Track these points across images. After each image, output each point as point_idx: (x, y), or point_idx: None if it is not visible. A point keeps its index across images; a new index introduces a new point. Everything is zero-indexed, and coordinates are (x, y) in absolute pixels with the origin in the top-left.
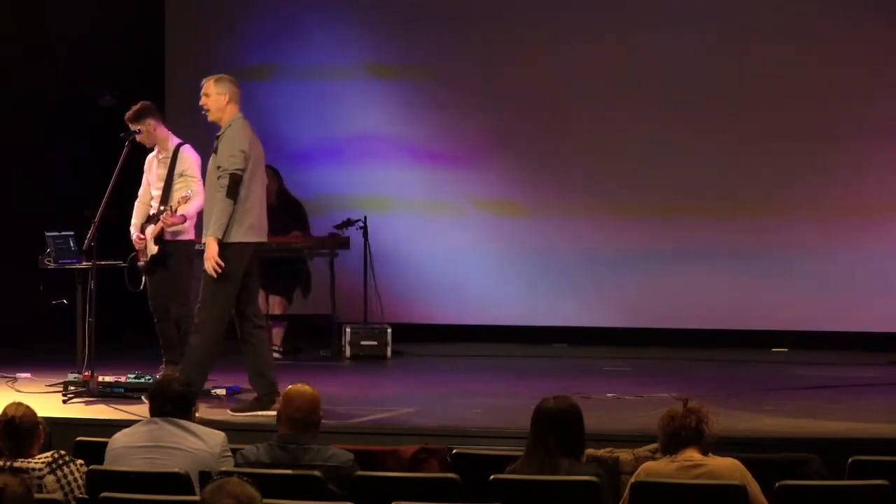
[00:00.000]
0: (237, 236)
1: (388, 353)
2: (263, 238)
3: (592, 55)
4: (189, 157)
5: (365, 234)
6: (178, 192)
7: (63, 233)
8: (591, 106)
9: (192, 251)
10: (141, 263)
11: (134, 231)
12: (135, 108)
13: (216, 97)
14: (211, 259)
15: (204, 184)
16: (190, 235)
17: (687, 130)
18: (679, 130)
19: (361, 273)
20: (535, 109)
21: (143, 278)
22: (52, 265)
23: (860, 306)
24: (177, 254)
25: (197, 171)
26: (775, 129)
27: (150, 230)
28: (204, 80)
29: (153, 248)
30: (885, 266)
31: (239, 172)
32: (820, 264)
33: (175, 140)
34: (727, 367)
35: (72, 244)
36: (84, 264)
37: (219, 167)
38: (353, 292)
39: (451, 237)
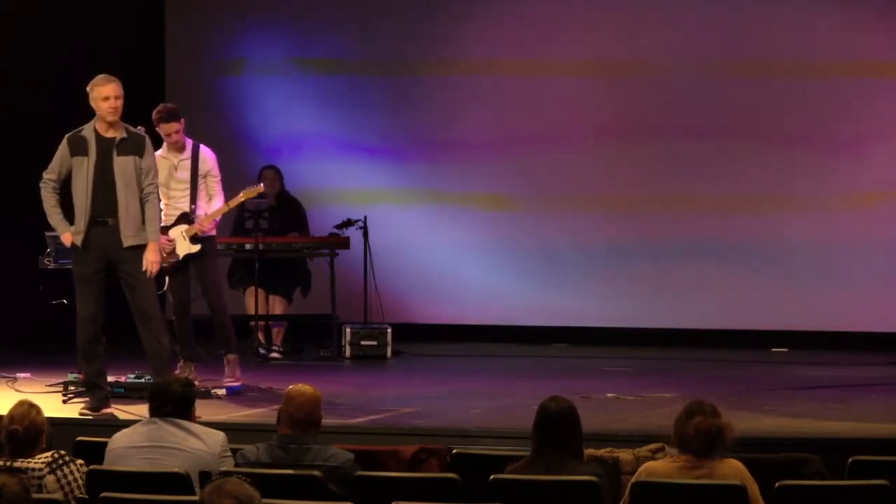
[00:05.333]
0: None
1: (388, 353)
2: None
3: (592, 52)
4: (211, 157)
5: (365, 234)
6: (203, 191)
7: None
8: (591, 103)
9: (216, 246)
10: (165, 265)
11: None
12: (168, 107)
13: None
14: (158, 263)
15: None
16: (213, 231)
17: (687, 128)
18: (679, 128)
19: (361, 273)
20: (536, 106)
21: (166, 279)
22: (52, 265)
23: (860, 306)
24: (211, 250)
25: (218, 171)
26: (775, 126)
27: (184, 229)
28: (115, 83)
29: (192, 247)
30: (886, 265)
31: None
32: (820, 264)
33: (189, 140)
34: (727, 367)
35: None
36: None
37: (149, 174)
38: (353, 292)
39: (452, 237)
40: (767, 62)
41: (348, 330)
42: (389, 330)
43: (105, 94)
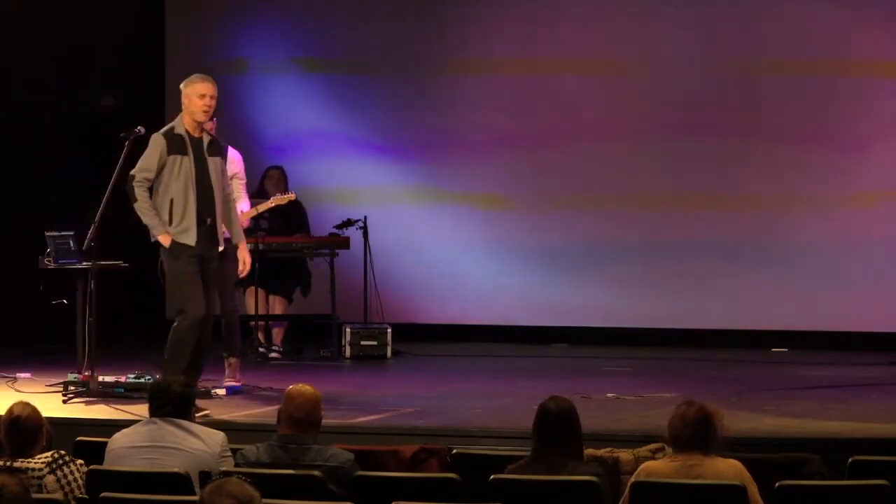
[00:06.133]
0: None
1: (388, 353)
2: None
3: (593, 52)
4: (238, 160)
5: (365, 234)
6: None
7: (63, 233)
8: (591, 103)
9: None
10: None
11: None
12: None
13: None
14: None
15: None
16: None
17: (686, 128)
18: (678, 128)
19: (361, 273)
20: (536, 106)
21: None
22: (52, 265)
23: (860, 306)
24: (231, 253)
25: (244, 174)
26: (775, 126)
27: None
28: (211, 83)
29: None
30: (886, 265)
31: None
32: (820, 264)
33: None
34: (727, 367)
35: (72, 244)
36: (84, 264)
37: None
38: (353, 292)
39: (452, 237)
40: (768, 62)
41: (348, 330)
42: (389, 330)
43: (201, 91)
